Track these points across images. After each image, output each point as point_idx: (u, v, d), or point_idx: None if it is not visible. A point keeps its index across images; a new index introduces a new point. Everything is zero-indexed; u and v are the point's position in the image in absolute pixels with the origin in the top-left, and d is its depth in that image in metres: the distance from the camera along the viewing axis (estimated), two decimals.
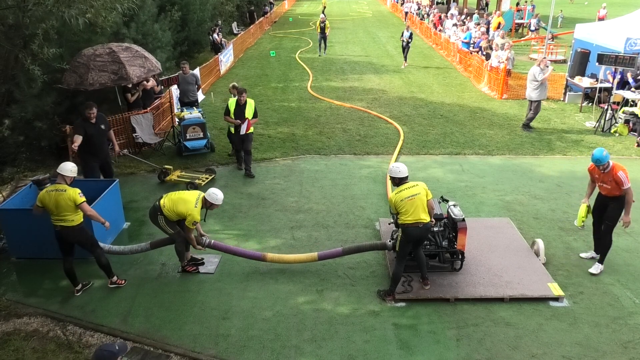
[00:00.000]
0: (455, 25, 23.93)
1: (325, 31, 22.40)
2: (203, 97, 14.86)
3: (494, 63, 16.03)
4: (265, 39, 28.41)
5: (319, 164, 10.40)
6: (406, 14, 35.34)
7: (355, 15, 40.56)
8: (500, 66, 15.51)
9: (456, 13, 28.02)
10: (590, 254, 7.04)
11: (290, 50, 24.21)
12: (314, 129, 12.57)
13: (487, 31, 22.05)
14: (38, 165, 9.96)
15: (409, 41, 19.71)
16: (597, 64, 12.77)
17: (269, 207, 8.57)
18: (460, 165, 10.34)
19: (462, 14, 27.97)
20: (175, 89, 12.60)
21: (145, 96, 11.39)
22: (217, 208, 6.63)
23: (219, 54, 19.22)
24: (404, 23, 25.88)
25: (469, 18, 25.73)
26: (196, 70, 13.67)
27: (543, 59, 12.44)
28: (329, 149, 11.18)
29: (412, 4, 36.91)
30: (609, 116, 12.20)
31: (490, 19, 25.38)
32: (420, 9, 34.63)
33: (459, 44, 20.90)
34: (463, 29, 21.65)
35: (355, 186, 9.34)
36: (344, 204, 8.69)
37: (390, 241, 6.68)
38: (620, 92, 13.06)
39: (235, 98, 9.59)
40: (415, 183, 6.05)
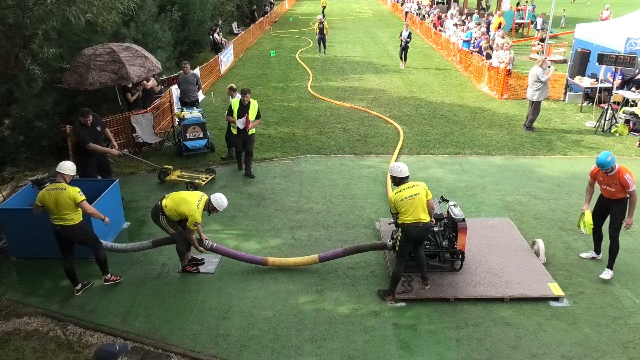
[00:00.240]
0: (455, 25, 23.93)
1: (324, 32, 22.40)
2: (203, 97, 14.86)
3: (495, 63, 16.04)
4: (265, 38, 28.41)
5: (319, 164, 10.40)
6: (406, 13, 35.35)
7: (356, 15, 40.55)
8: (501, 66, 15.51)
9: (456, 13, 28.02)
10: (591, 254, 7.04)
11: (290, 50, 24.21)
12: (314, 128, 12.57)
13: (487, 31, 22.04)
14: (38, 165, 9.97)
15: (407, 41, 19.65)
16: (597, 64, 12.77)
17: (269, 207, 8.57)
18: (460, 165, 10.34)
19: (462, 14, 27.97)
20: (175, 88, 12.59)
21: (145, 96, 11.39)
22: (217, 213, 6.65)
23: (219, 53, 19.22)
24: (404, 23, 25.82)
25: (469, 18, 25.72)
26: (196, 70, 13.68)
27: (544, 59, 12.43)
28: (329, 149, 11.18)
29: (413, 3, 36.94)
30: (609, 116, 12.19)
31: (491, 19, 25.38)
32: (420, 8, 34.64)
33: (459, 43, 20.90)
34: (463, 28, 21.64)
35: (355, 186, 9.34)
36: (344, 203, 8.69)
37: (390, 241, 6.69)
38: (620, 92, 13.06)
39: (238, 98, 9.59)
40: (416, 183, 6.05)
